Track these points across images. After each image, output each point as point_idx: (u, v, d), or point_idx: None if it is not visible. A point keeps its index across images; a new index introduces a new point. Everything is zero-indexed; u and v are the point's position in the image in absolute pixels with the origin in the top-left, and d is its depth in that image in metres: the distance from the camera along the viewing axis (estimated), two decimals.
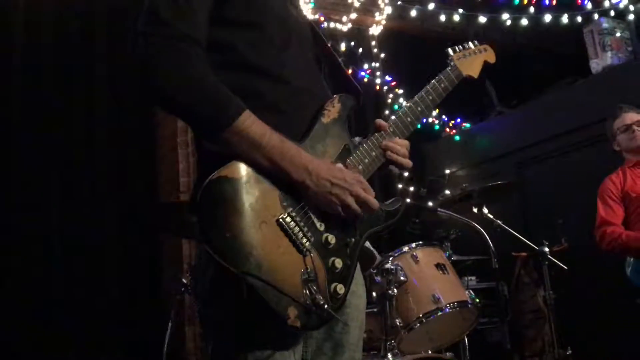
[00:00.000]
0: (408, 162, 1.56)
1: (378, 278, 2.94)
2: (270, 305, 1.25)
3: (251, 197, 1.29)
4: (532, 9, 4.40)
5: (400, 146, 1.55)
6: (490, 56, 1.87)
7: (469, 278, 4.38)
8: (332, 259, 1.37)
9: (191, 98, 1.29)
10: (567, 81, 5.24)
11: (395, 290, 2.86)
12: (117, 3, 4.51)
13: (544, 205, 4.79)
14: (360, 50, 4.83)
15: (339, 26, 4.79)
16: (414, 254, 3.04)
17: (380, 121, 1.58)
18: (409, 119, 1.59)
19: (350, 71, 4.72)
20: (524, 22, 4.48)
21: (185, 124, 4.16)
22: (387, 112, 5.13)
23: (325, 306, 1.30)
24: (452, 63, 1.73)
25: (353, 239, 1.43)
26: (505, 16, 4.43)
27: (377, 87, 4.94)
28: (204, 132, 1.36)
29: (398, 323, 2.86)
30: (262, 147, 1.30)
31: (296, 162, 1.33)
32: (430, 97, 1.64)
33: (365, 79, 4.89)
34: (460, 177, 5.55)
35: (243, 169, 1.29)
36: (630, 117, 3.62)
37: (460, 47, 1.80)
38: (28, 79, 4.20)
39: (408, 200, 3.77)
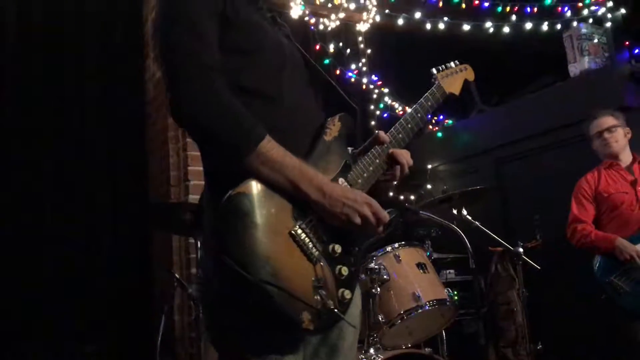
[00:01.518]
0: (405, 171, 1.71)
1: (362, 276, 3.08)
2: (286, 310, 1.36)
3: (266, 211, 1.40)
4: (514, 17, 4.54)
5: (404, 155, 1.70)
6: (469, 74, 2.02)
7: (448, 271, 4.59)
8: (339, 266, 1.49)
9: (218, 126, 1.39)
10: (546, 80, 5.39)
11: (379, 289, 3.02)
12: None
13: (521, 202, 4.96)
14: (348, 51, 4.93)
15: (327, 22, 4.88)
16: (397, 253, 3.19)
17: (381, 134, 1.69)
18: (400, 136, 1.72)
19: (337, 71, 4.83)
20: (506, 29, 4.62)
21: None
22: (372, 107, 5.26)
23: (335, 310, 1.43)
24: (436, 82, 1.87)
25: (356, 248, 1.56)
26: (488, 24, 4.57)
27: (364, 87, 5.06)
28: (227, 157, 1.44)
29: (380, 319, 3.01)
30: (283, 170, 1.41)
31: (314, 184, 1.44)
32: (419, 115, 1.77)
33: (353, 79, 5.00)
34: (441, 172, 5.71)
35: (258, 186, 1.40)
36: (602, 122, 3.73)
37: (443, 66, 1.94)
38: (18, 72, 4.25)
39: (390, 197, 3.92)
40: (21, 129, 4.18)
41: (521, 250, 3.47)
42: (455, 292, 3.59)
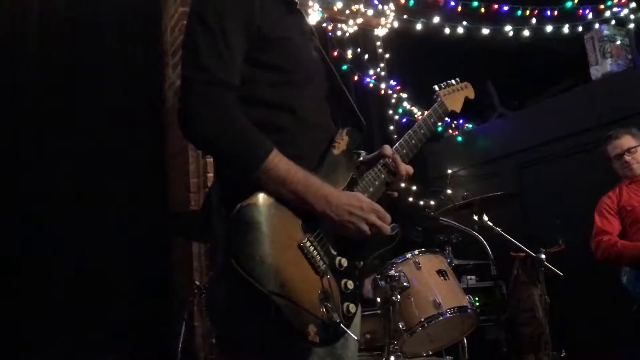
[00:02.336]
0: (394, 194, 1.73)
1: (382, 283, 3.06)
2: (293, 322, 1.37)
3: (276, 223, 1.41)
4: (534, 20, 4.50)
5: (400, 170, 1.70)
6: (470, 92, 2.07)
7: (469, 277, 4.55)
8: (345, 280, 1.51)
9: (225, 143, 1.41)
10: (568, 83, 5.33)
11: (399, 296, 3.00)
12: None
13: (543, 207, 4.91)
14: (367, 56, 4.92)
15: (345, 28, 4.89)
16: (417, 260, 3.18)
17: (386, 147, 1.71)
18: (404, 151, 1.76)
19: (356, 77, 4.83)
20: (526, 33, 4.58)
21: None
22: (390, 111, 5.25)
23: (341, 324, 1.44)
24: (438, 99, 1.92)
25: (361, 262, 1.57)
26: (507, 28, 4.53)
27: (382, 92, 5.05)
28: (236, 171, 1.46)
29: (401, 327, 2.99)
30: (288, 183, 1.43)
31: (318, 195, 1.46)
32: (422, 131, 1.81)
33: (371, 85, 4.99)
34: (461, 177, 5.67)
35: (269, 198, 1.42)
36: (622, 143, 3.66)
37: (445, 84, 1.98)
38: (37, 81, 4.32)
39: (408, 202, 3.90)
40: (41, 136, 4.24)
41: (543, 256, 3.42)
42: (477, 299, 3.56)
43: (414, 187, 4.76)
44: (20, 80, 4.27)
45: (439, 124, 1.90)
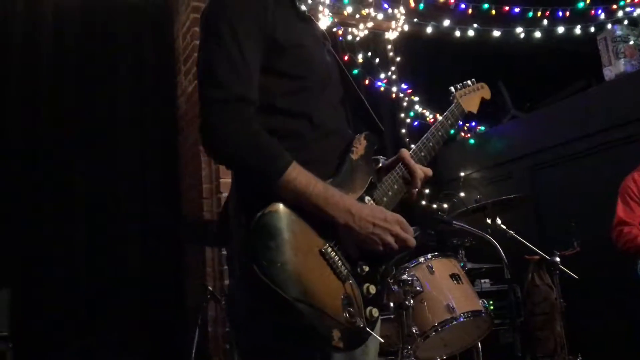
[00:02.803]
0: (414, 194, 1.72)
1: (395, 287, 3.06)
2: (317, 327, 1.36)
3: (297, 230, 1.41)
4: (545, 22, 4.47)
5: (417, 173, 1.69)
6: (486, 93, 2.07)
7: (483, 281, 4.52)
8: (367, 285, 1.49)
9: (245, 158, 1.41)
10: (580, 84, 5.28)
11: (412, 301, 2.99)
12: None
13: (557, 209, 4.86)
14: (377, 60, 4.92)
15: (355, 32, 4.89)
16: (430, 265, 3.17)
17: (404, 151, 1.71)
18: (422, 154, 1.76)
19: (367, 81, 4.83)
20: (538, 34, 4.55)
21: None
22: (402, 115, 5.24)
23: (365, 328, 1.43)
24: (455, 100, 1.92)
25: (383, 267, 1.56)
26: (519, 30, 4.51)
27: (394, 95, 5.04)
28: (256, 184, 1.46)
29: (414, 331, 2.98)
30: (307, 196, 1.42)
31: (340, 207, 1.45)
32: (440, 133, 1.81)
33: (382, 88, 4.99)
34: (474, 180, 5.64)
35: (290, 206, 1.42)
36: None
37: (460, 85, 1.98)
38: (52, 88, 4.36)
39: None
40: (55, 144, 4.29)
41: (558, 259, 3.40)
42: (491, 302, 3.53)
43: (427, 191, 4.75)
44: (35, 86, 4.32)
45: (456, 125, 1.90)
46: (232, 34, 1.47)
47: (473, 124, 5.75)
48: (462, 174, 5.57)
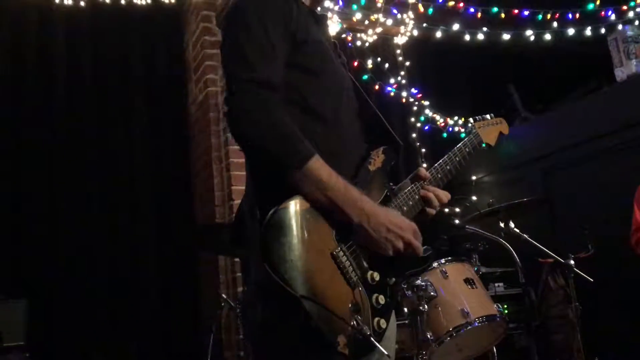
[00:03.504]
0: (432, 212, 1.72)
1: (409, 293, 3.05)
2: (323, 330, 1.35)
3: (311, 229, 1.41)
4: (555, 24, 4.45)
5: (436, 197, 1.70)
6: (504, 128, 2.10)
7: (497, 284, 4.49)
8: (376, 295, 1.49)
9: (269, 142, 1.42)
10: (592, 85, 5.25)
11: (426, 306, 2.98)
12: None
13: (570, 212, 4.83)
14: (387, 65, 4.93)
15: (364, 37, 4.90)
16: (443, 269, 3.16)
17: (422, 170, 1.73)
18: (439, 175, 1.77)
19: (377, 86, 4.83)
20: (548, 36, 4.53)
21: (218, 141, 4.35)
22: (412, 119, 5.23)
23: (372, 337, 1.41)
24: (474, 130, 1.97)
25: (393, 279, 1.56)
26: (528, 32, 4.50)
27: (404, 100, 5.04)
28: (276, 171, 1.46)
29: (429, 336, 2.98)
30: (327, 190, 1.43)
31: (357, 206, 1.45)
32: (457, 159, 1.83)
33: (392, 93, 4.99)
34: (486, 183, 5.62)
35: (304, 203, 1.42)
36: None
37: (480, 117, 2.03)
38: (65, 97, 4.41)
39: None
40: (70, 154, 4.33)
41: (572, 262, 3.37)
42: (505, 306, 3.51)
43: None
44: (49, 95, 4.38)
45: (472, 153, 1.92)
46: (262, 23, 1.50)
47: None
48: (474, 177, 5.55)
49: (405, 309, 3.06)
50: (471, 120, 2.01)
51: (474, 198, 5.27)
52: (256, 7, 1.52)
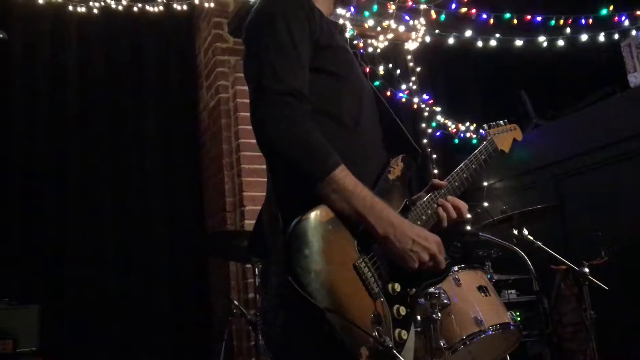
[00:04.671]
0: (452, 220, 1.70)
1: (422, 300, 3.04)
2: (345, 342, 1.35)
3: (333, 240, 1.41)
4: (568, 30, 4.43)
5: (453, 206, 1.69)
6: (518, 134, 2.12)
7: (509, 292, 4.46)
8: (397, 306, 1.49)
9: (296, 152, 1.41)
10: (604, 91, 5.21)
11: (439, 314, 2.97)
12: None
13: (583, 218, 4.79)
14: (398, 71, 4.92)
15: (375, 43, 4.89)
16: (456, 277, 3.15)
17: (436, 181, 1.74)
18: (456, 184, 1.78)
19: (388, 93, 4.82)
20: (561, 42, 4.51)
21: (230, 147, 4.35)
22: (424, 125, 5.22)
23: (393, 349, 1.39)
24: (488, 137, 1.98)
25: (414, 290, 1.56)
26: (541, 38, 4.47)
27: (415, 106, 5.03)
28: (303, 181, 1.45)
29: (442, 344, 2.97)
30: (352, 200, 1.42)
31: (382, 216, 1.44)
32: (473, 167, 1.85)
33: (403, 99, 4.98)
34: (498, 190, 5.59)
35: (328, 214, 1.42)
36: None
37: (494, 123, 2.05)
38: (79, 105, 4.44)
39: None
40: (82, 162, 4.36)
41: (587, 269, 3.35)
42: (518, 313, 3.48)
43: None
44: (60, 101, 4.41)
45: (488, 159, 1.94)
46: (288, 32, 1.49)
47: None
48: (486, 183, 5.53)
49: (419, 317, 3.05)
50: (485, 126, 2.01)
51: (486, 204, 5.25)
52: (281, 15, 1.52)
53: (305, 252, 1.35)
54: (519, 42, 4.54)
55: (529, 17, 4.46)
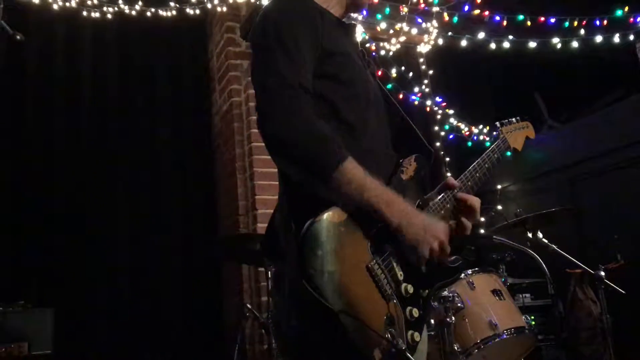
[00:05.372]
0: (470, 222, 1.68)
1: (436, 304, 3.02)
2: (358, 344, 1.35)
3: (346, 241, 1.41)
4: (582, 31, 4.39)
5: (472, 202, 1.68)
6: (530, 132, 2.11)
7: (524, 295, 4.43)
8: (410, 308, 1.48)
9: (304, 144, 1.41)
10: (619, 93, 5.17)
11: (453, 318, 2.95)
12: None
13: (598, 222, 4.75)
14: (411, 74, 4.91)
15: (387, 46, 4.88)
16: (470, 280, 3.11)
17: (451, 179, 1.72)
18: (469, 183, 1.76)
19: (401, 96, 4.81)
20: (575, 44, 4.47)
21: (242, 150, 4.36)
22: (436, 128, 5.20)
23: (405, 352, 1.39)
24: (501, 135, 1.96)
25: (426, 291, 1.55)
26: (555, 40, 4.44)
27: (428, 109, 5.01)
28: (314, 174, 1.43)
29: (456, 348, 2.93)
30: (364, 191, 1.41)
31: (394, 207, 1.44)
32: (487, 166, 1.82)
33: (416, 102, 4.97)
34: (511, 192, 5.56)
35: (341, 215, 1.41)
36: None
37: (506, 121, 2.03)
38: (94, 111, 4.48)
39: None
40: (94, 162, 4.38)
41: (603, 273, 3.30)
42: (532, 317, 3.45)
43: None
44: (75, 105, 4.45)
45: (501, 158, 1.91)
46: (292, 36, 1.51)
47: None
48: (499, 186, 5.49)
49: (432, 321, 3.02)
50: (497, 124, 1.99)
51: (499, 207, 5.22)
52: (285, 22, 1.54)
53: (319, 253, 1.35)
54: (532, 44, 4.50)
55: (542, 18, 4.42)
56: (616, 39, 4.46)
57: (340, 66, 1.59)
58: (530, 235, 3.37)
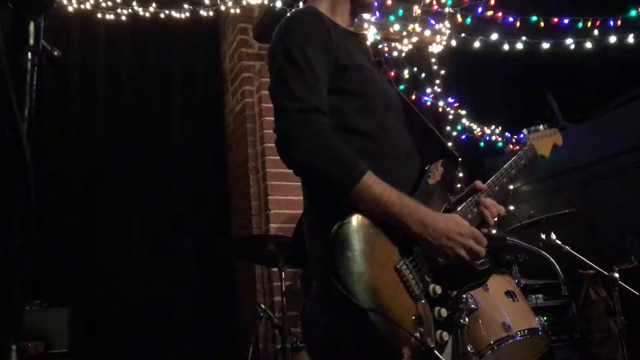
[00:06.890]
0: (492, 221, 1.71)
1: None
2: (388, 342, 1.37)
3: (375, 242, 1.44)
4: (596, 32, 4.37)
5: (493, 207, 1.70)
6: (558, 139, 2.14)
7: (536, 296, 4.42)
8: (438, 308, 1.51)
9: (323, 164, 1.45)
10: (632, 93, 5.14)
11: (467, 319, 2.95)
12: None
13: (611, 222, 4.74)
14: (423, 75, 4.91)
15: (399, 46, 4.88)
16: None
17: (478, 183, 1.75)
18: (496, 188, 1.79)
19: (413, 97, 4.81)
20: (588, 45, 4.46)
21: (255, 151, 4.38)
22: (448, 128, 5.19)
23: (434, 350, 1.41)
24: (528, 142, 2.00)
25: (455, 292, 1.57)
26: (569, 41, 4.43)
27: (440, 109, 5.01)
28: (333, 192, 1.49)
29: (469, 350, 2.93)
30: (383, 204, 1.45)
31: (414, 217, 1.47)
32: (513, 172, 1.87)
33: (428, 103, 4.97)
34: (524, 193, 5.54)
35: (366, 218, 1.45)
36: None
37: (534, 128, 2.06)
38: (108, 112, 4.52)
39: None
40: (109, 163, 4.43)
41: (617, 274, 3.29)
42: (545, 318, 3.44)
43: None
44: (89, 107, 4.49)
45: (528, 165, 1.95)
46: (303, 55, 1.53)
47: (522, 136, 5.64)
48: (511, 187, 5.47)
49: None
50: (525, 131, 2.01)
51: (512, 208, 5.20)
52: (298, 38, 1.57)
53: (348, 254, 1.38)
54: (545, 45, 4.49)
55: (556, 19, 4.41)
56: (630, 39, 4.43)
57: (355, 80, 1.62)
58: (543, 236, 3.37)
